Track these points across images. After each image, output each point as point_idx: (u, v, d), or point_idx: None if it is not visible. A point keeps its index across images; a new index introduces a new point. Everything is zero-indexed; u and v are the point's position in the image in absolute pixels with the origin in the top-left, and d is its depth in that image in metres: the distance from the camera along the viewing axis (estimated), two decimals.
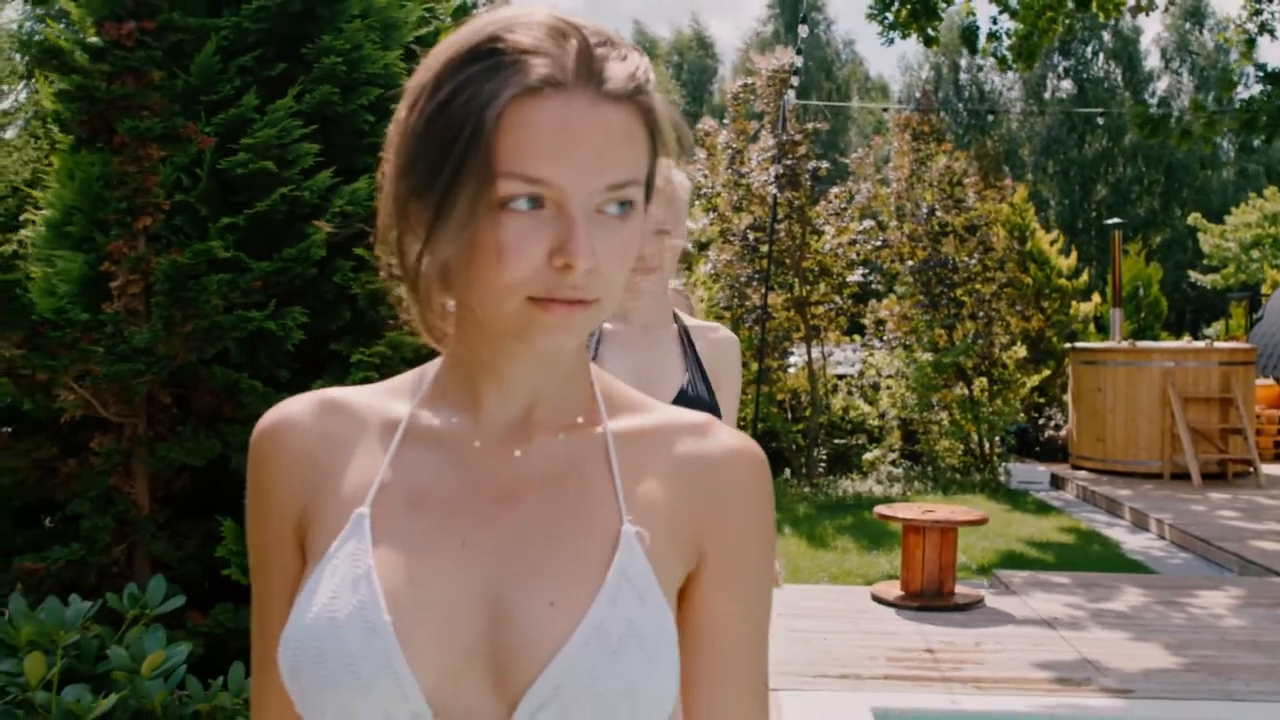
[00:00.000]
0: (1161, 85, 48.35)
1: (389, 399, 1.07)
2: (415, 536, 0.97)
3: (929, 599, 6.51)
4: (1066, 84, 47.21)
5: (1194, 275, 33.12)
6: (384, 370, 4.30)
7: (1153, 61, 50.58)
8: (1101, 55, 47.44)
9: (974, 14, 12.62)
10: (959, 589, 6.75)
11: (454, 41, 0.95)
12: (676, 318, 2.57)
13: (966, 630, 6.07)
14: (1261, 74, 8.94)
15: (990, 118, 44.51)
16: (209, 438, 4.18)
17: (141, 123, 4.14)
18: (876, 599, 6.73)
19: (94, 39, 4.43)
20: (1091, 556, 8.69)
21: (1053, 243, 17.55)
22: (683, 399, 2.37)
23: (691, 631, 1.01)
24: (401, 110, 0.96)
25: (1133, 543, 9.37)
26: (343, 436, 1.05)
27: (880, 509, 6.91)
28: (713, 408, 2.40)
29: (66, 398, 3.91)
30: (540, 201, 0.90)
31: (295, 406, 1.07)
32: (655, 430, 1.05)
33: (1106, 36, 46.16)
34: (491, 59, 0.91)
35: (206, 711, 3.31)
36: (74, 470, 4.12)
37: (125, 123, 4.12)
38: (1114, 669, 5.37)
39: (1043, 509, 11.15)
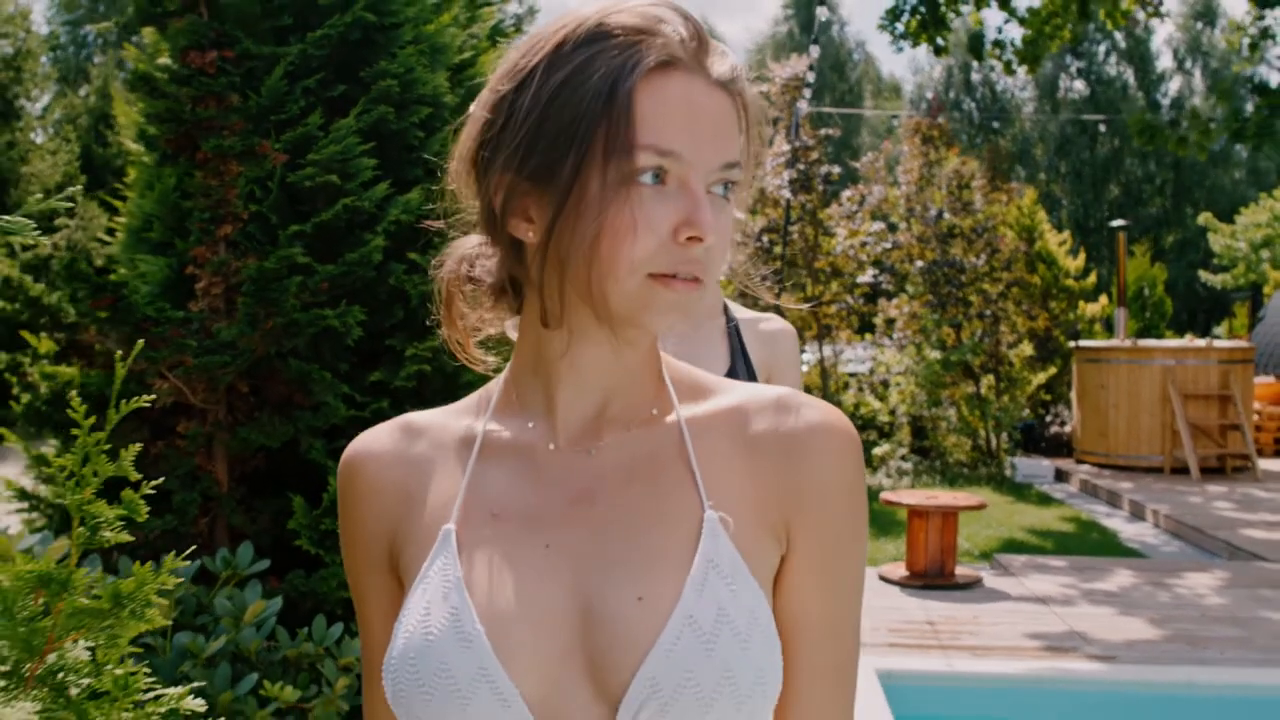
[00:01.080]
0: (1174, 86, 48.62)
1: (462, 417, 1.09)
2: (500, 545, 0.98)
3: (931, 578, 6.99)
4: (1079, 84, 47.53)
5: (1204, 275, 33.46)
6: (434, 364, 4.81)
7: (1165, 62, 50.90)
8: (1114, 56, 47.71)
9: (982, 23, 13.06)
10: (960, 570, 7.23)
11: (558, 27, 0.96)
12: (726, 310, 2.46)
13: (965, 606, 6.55)
14: (1250, 86, 9.39)
15: (995, 124, 44.81)
16: (283, 423, 4.68)
17: (223, 141, 4.66)
18: (883, 579, 7.21)
19: (172, 64, 4.94)
20: (1089, 544, 9.15)
21: (1062, 243, 17.97)
22: None
23: (781, 616, 0.99)
24: (491, 96, 0.98)
25: (1129, 531, 9.82)
26: (423, 459, 1.06)
27: (886, 494, 7.39)
28: None
29: (160, 386, 4.41)
30: (663, 176, 0.92)
31: (375, 435, 1.09)
32: (731, 412, 1.03)
33: (1119, 37, 46.45)
34: (610, 39, 0.93)
35: (293, 657, 3.81)
36: (162, 451, 4.63)
37: (209, 141, 4.63)
38: (1099, 639, 5.84)
39: (1045, 500, 11.60)
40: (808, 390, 14.02)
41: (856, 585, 1.02)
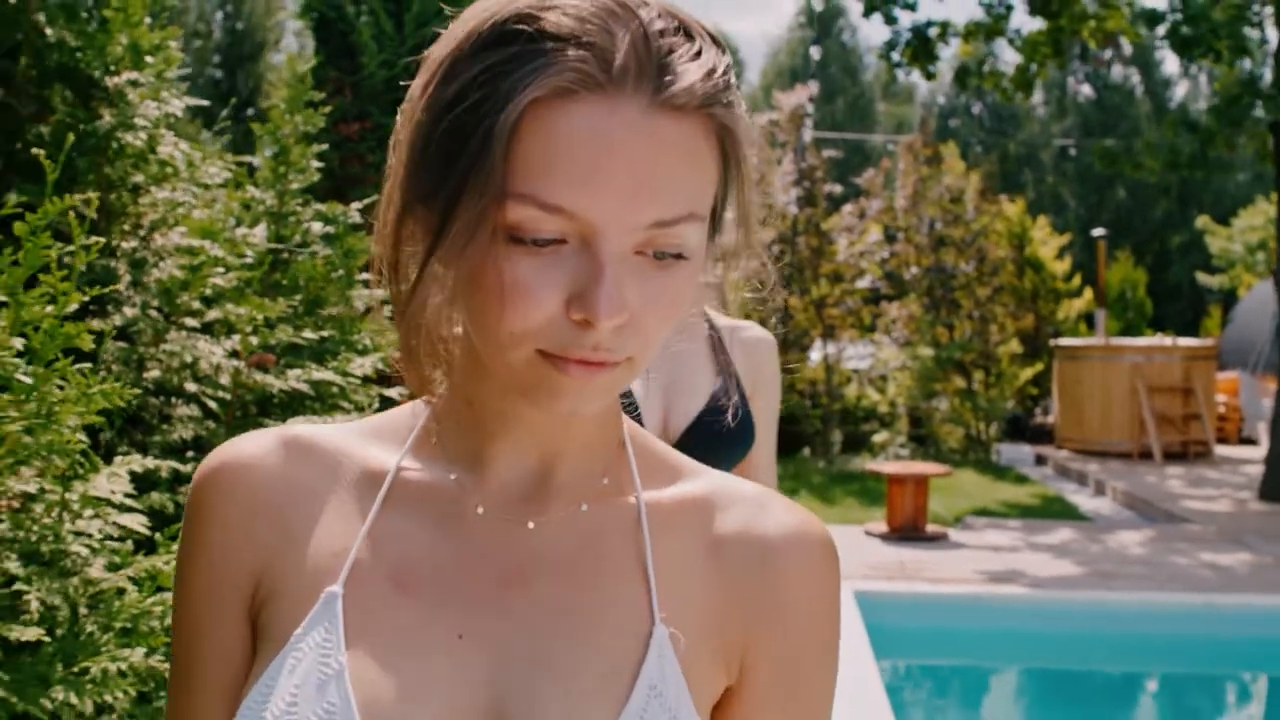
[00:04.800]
0: (1180, 91, 49.94)
1: (371, 443, 0.86)
2: (400, 626, 0.78)
3: (906, 532, 8.59)
4: (1086, 88, 48.87)
5: (1201, 276, 34.83)
6: None
7: (1171, 67, 52.13)
8: (1120, 62, 48.98)
9: (971, 54, 14.60)
10: (931, 527, 8.82)
11: (481, 10, 0.73)
12: (706, 316, 2.25)
13: (930, 552, 8.15)
14: (1182, 120, 10.94)
15: (1003, 129, 46.25)
16: None
17: (366, 192, 6.26)
18: (867, 533, 8.82)
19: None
20: (1049, 512, 10.70)
21: (1066, 247, 19.52)
22: (714, 412, 2.09)
23: None
24: (414, 88, 0.75)
25: (1089, 505, 11.37)
26: (311, 487, 0.83)
27: (871, 465, 8.99)
28: (746, 417, 2.12)
29: None
30: (561, 235, 0.70)
31: (252, 445, 0.84)
32: (698, 502, 0.85)
33: (1124, 41, 47.72)
34: (517, 45, 0.69)
35: None
36: None
37: (355, 192, 6.24)
38: (1032, 575, 7.42)
39: (1021, 480, 13.16)
40: (813, 383, 15.61)
41: None
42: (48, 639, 1.50)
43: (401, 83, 0.78)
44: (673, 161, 0.71)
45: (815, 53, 15.37)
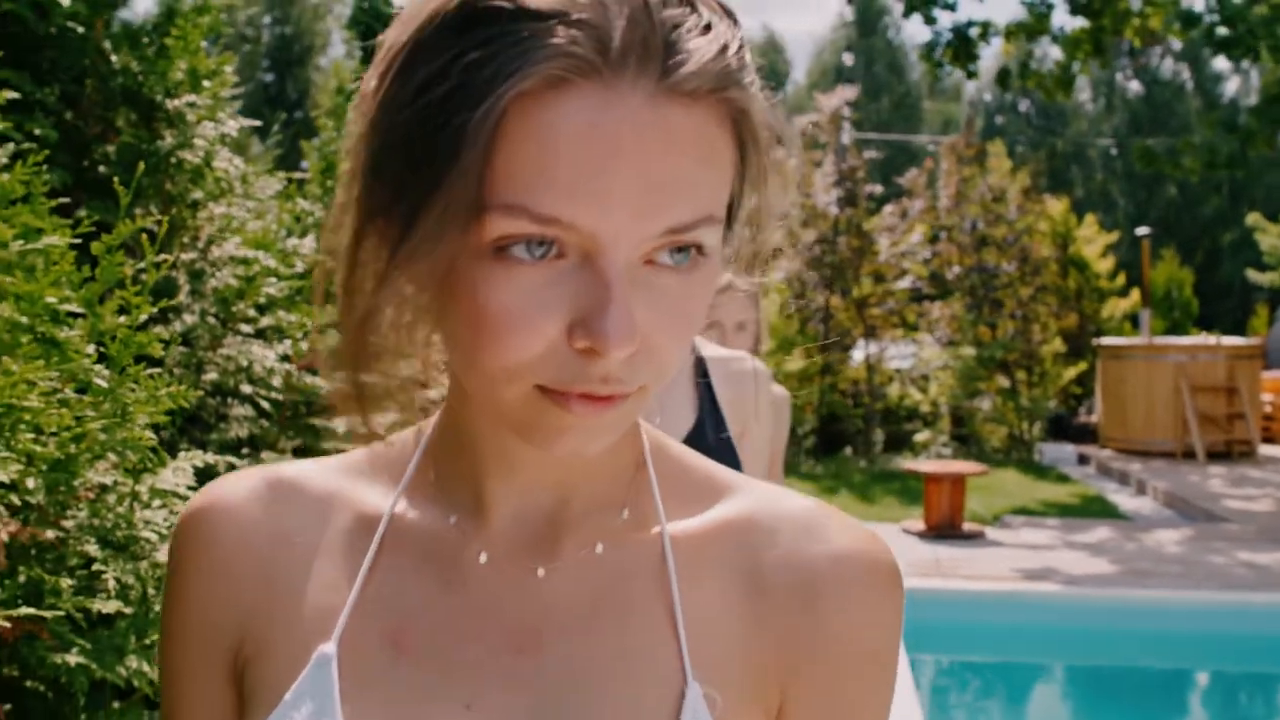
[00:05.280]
0: (1231, 86, 49.39)
1: (364, 481, 0.77)
2: (400, 693, 0.70)
3: (942, 531, 8.68)
4: (1135, 84, 48.45)
5: (1251, 274, 34.44)
6: None
7: (1222, 62, 51.55)
8: (1170, 57, 48.53)
9: (1012, 54, 14.63)
10: (968, 526, 8.91)
11: None
12: (694, 346, 2.09)
13: (967, 550, 8.24)
14: (1222, 120, 10.93)
15: (1051, 126, 45.95)
16: None
17: None
18: (905, 531, 8.92)
19: None
20: (1089, 511, 10.74)
21: (1113, 245, 19.48)
22: (691, 445, 2.00)
23: None
24: (368, 81, 0.63)
25: (1130, 505, 11.38)
26: (300, 534, 0.75)
27: (909, 463, 9.08)
28: (729, 456, 1.96)
29: None
30: (557, 247, 0.59)
31: (234, 488, 0.77)
32: (735, 528, 0.74)
33: (1173, 37, 47.27)
34: (494, 26, 0.58)
35: None
36: None
37: None
38: (1066, 573, 7.50)
39: (1063, 479, 13.18)
40: (856, 383, 15.67)
41: None
42: (127, 611, 1.68)
43: None
44: (686, 157, 0.60)
45: (848, 59, 15.34)
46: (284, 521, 0.76)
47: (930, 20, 13.67)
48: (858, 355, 15.84)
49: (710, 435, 1.97)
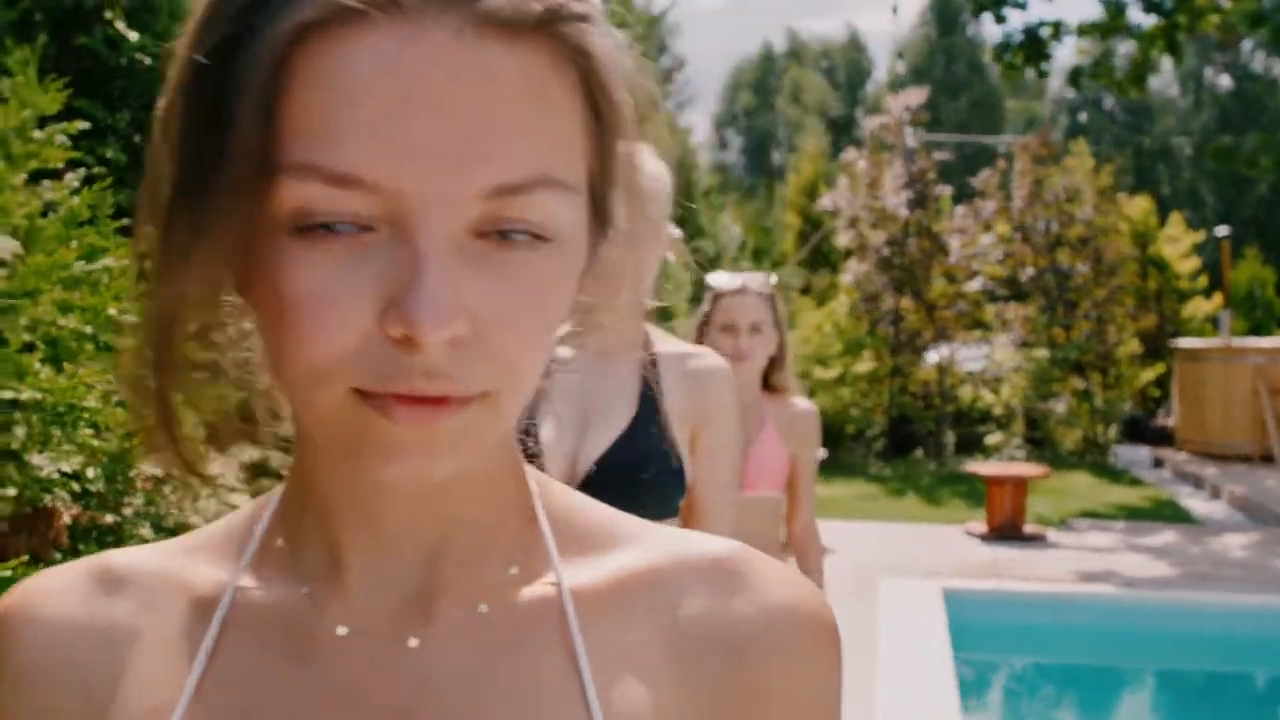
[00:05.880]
0: None
1: (202, 560, 0.66)
2: None
3: (1004, 533, 8.71)
4: (1224, 79, 47.44)
5: None
6: None
7: None
8: (1262, 50, 47.43)
9: (1086, 53, 14.54)
10: (1030, 528, 8.93)
11: None
12: (647, 342, 1.96)
13: (1026, 552, 8.27)
14: None
15: (1136, 122, 45.13)
16: None
17: None
18: (967, 533, 8.97)
19: None
20: (1159, 515, 10.65)
21: (1200, 245, 19.21)
22: (623, 449, 1.81)
23: None
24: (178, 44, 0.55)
25: (1201, 508, 11.26)
26: (126, 629, 0.64)
27: (970, 466, 9.12)
28: (667, 465, 1.84)
29: None
30: (365, 219, 0.51)
31: (51, 583, 0.66)
32: (646, 581, 0.63)
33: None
34: None
35: None
36: None
37: None
38: (1125, 575, 7.51)
39: (1136, 482, 13.07)
40: (926, 385, 15.64)
41: None
42: None
43: None
44: (509, 103, 0.51)
45: (900, 66, 15.35)
46: (107, 616, 0.64)
47: (1000, 19, 13.63)
48: (930, 357, 15.82)
49: (647, 437, 1.79)
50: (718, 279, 2.95)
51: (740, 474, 2.78)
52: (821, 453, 9.57)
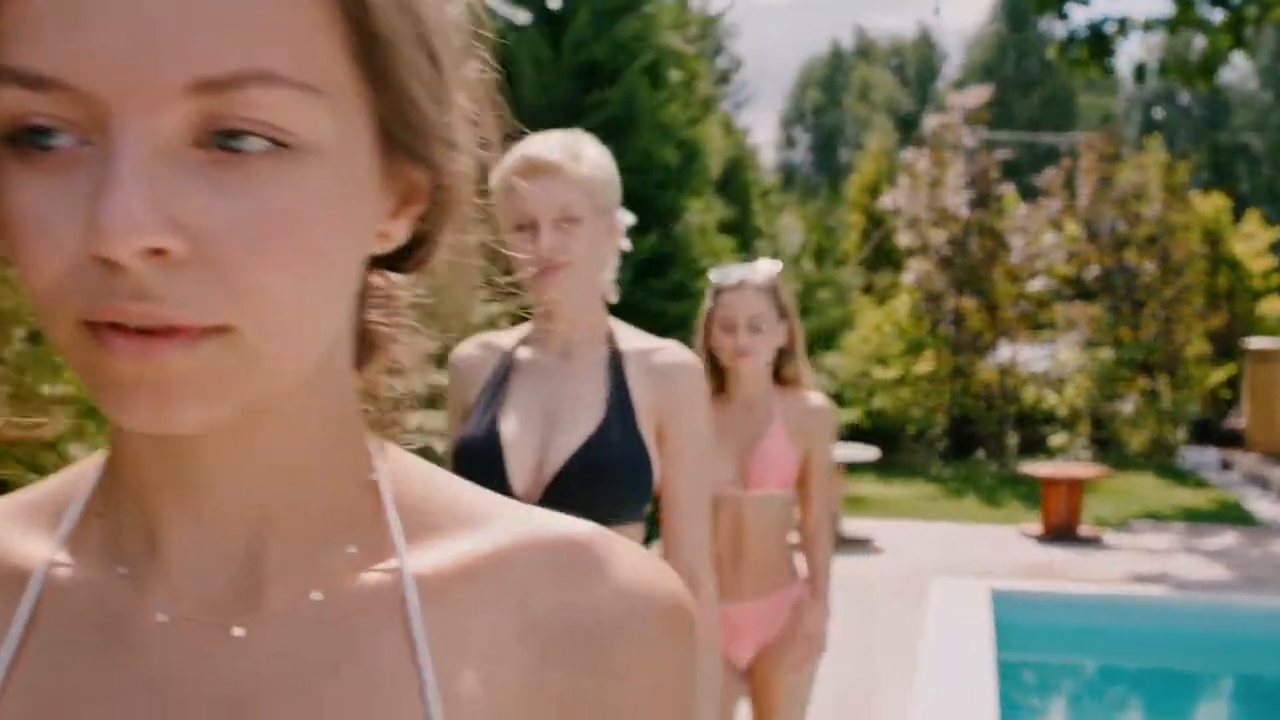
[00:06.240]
0: None
1: (21, 529, 0.60)
2: None
3: (1059, 534, 8.66)
4: None
5: None
6: None
7: None
8: None
9: (1151, 48, 14.34)
10: (1086, 530, 8.86)
11: None
12: (611, 337, 1.91)
13: (1081, 553, 8.22)
14: None
15: (1214, 117, 44.21)
16: None
17: None
18: (1022, 534, 8.93)
19: None
20: (1222, 517, 10.51)
21: (1276, 244, 18.82)
22: (593, 450, 1.78)
23: None
24: None
25: (1268, 511, 11.07)
26: None
27: (1025, 467, 9.07)
28: (639, 462, 1.81)
29: None
30: (77, 129, 0.46)
31: None
32: (497, 564, 0.59)
33: None
34: None
35: None
36: None
37: None
38: (1179, 578, 7.44)
39: (1201, 484, 12.89)
40: (988, 385, 15.51)
41: None
42: None
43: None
44: None
45: (949, 69, 15.24)
46: None
47: (1062, 16, 13.50)
48: (998, 357, 15.70)
49: (617, 437, 1.78)
50: (718, 274, 2.88)
51: (745, 471, 2.76)
52: (874, 452, 9.61)
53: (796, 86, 58.18)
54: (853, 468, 13.19)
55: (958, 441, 15.24)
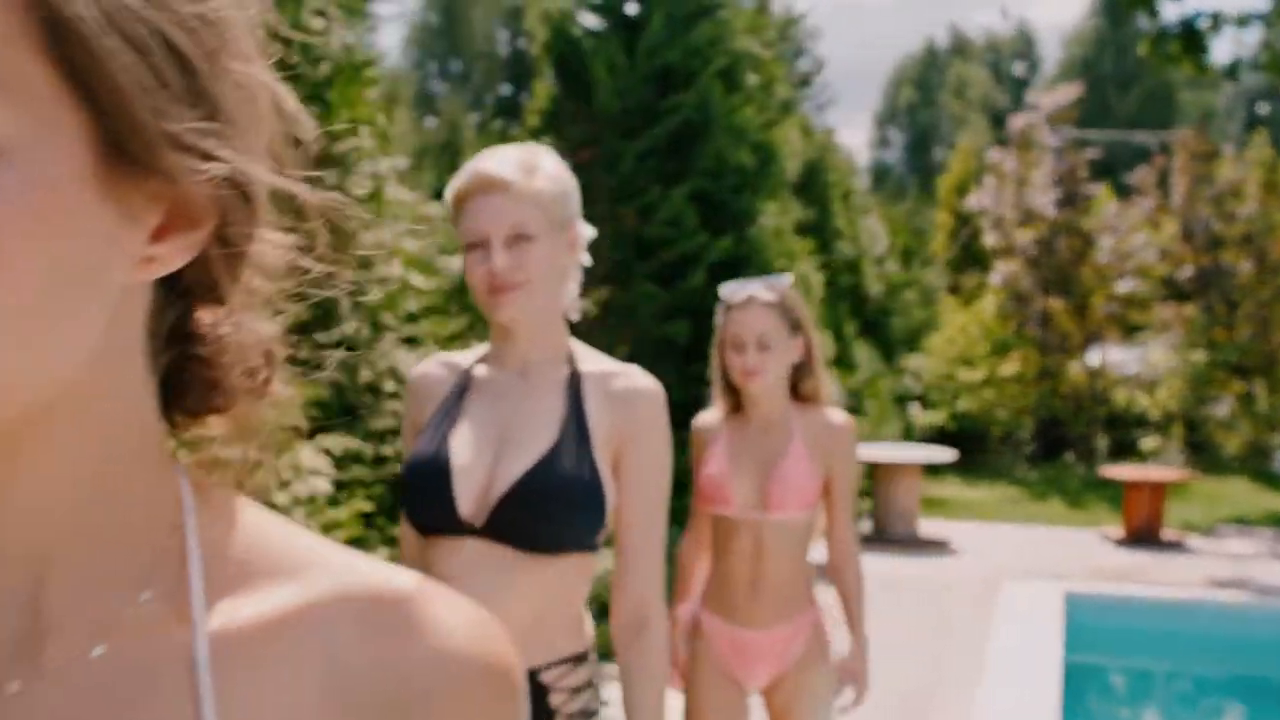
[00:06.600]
0: None
1: None
2: None
3: (1141, 538, 8.55)
4: None
5: None
6: None
7: None
8: None
9: (1245, 45, 14.04)
10: (1169, 534, 8.73)
11: None
12: (572, 358, 1.85)
13: (1162, 557, 8.10)
14: None
15: None
16: None
17: (598, 211, 6.94)
18: (1104, 538, 8.82)
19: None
20: None
21: None
22: (541, 474, 1.71)
23: None
24: None
25: None
26: None
27: (1106, 469, 8.97)
28: (590, 489, 1.74)
29: None
30: None
31: None
32: (308, 617, 0.53)
33: None
34: None
35: None
36: None
37: (591, 210, 6.94)
38: (1260, 583, 7.31)
39: None
40: (1077, 387, 15.29)
41: None
42: None
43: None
44: None
45: (1019, 68, 15.03)
46: None
47: (1152, 14, 13.27)
48: (1089, 359, 15.47)
49: (568, 462, 1.71)
50: (726, 290, 2.74)
51: (764, 494, 2.61)
52: (951, 454, 9.56)
53: (890, 85, 57.69)
54: (933, 469, 13.12)
55: (1046, 444, 15.05)
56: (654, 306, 6.84)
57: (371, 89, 3.32)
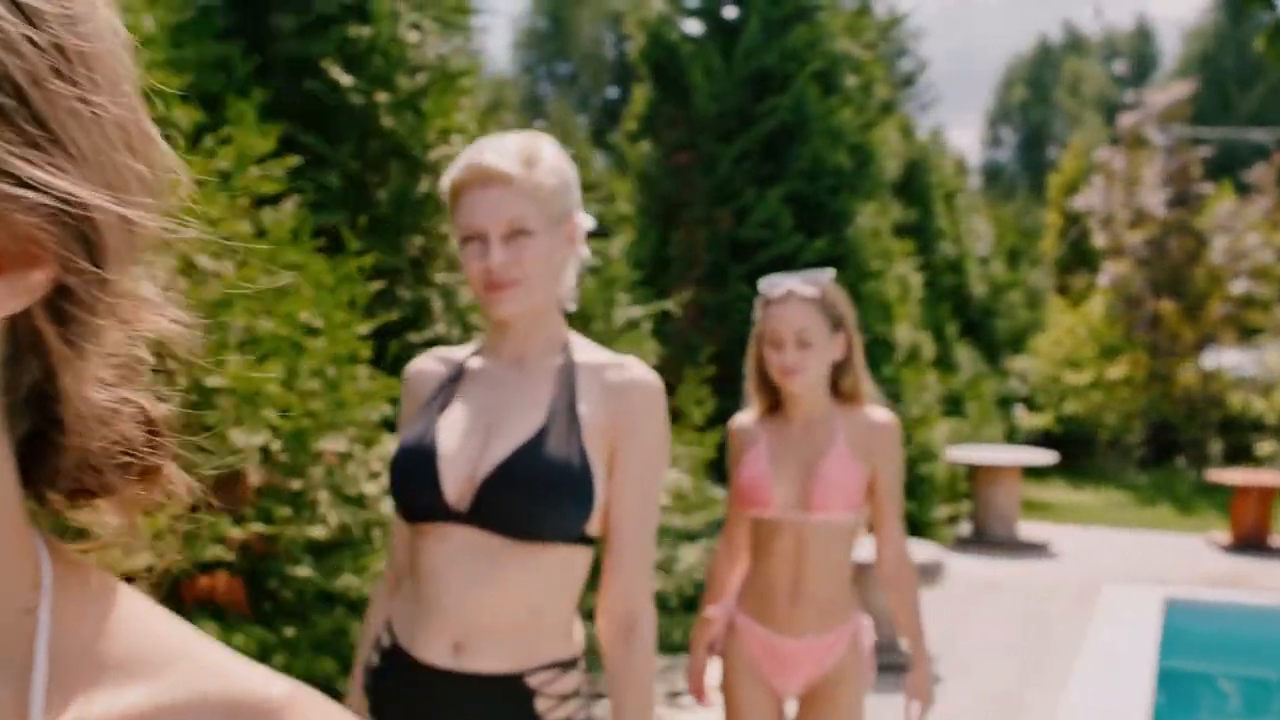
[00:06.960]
0: None
1: None
2: None
3: (1248, 543, 8.37)
4: None
5: None
6: None
7: None
8: None
9: None
10: (1277, 539, 8.52)
11: None
12: (568, 348, 1.83)
13: (1269, 563, 7.92)
14: None
15: None
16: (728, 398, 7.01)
17: (694, 213, 7.04)
18: (1210, 543, 8.65)
19: (659, 159, 7.39)
20: None
21: None
22: (524, 458, 1.68)
23: None
24: None
25: None
26: None
27: (1214, 474, 8.80)
28: (575, 476, 1.69)
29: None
30: None
31: None
32: None
33: None
34: None
35: None
36: None
37: (687, 212, 7.04)
38: None
39: None
40: (1189, 390, 14.91)
41: None
42: (343, 544, 2.31)
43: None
44: None
45: (1119, 67, 14.68)
46: None
47: (1270, 7, 12.91)
48: (1204, 362, 15.10)
49: (553, 447, 1.68)
50: (765, 284, 2.60)
51: (806, 494, 2.51)
52: (1052, 456, 9.45)
53: (1002, 84, 56.73)
54: (1036, 472, 12.95)
55: (1156, 448, 14.73)
56: (747, 308, 6.91)
57: (467, 97, 3.47)
